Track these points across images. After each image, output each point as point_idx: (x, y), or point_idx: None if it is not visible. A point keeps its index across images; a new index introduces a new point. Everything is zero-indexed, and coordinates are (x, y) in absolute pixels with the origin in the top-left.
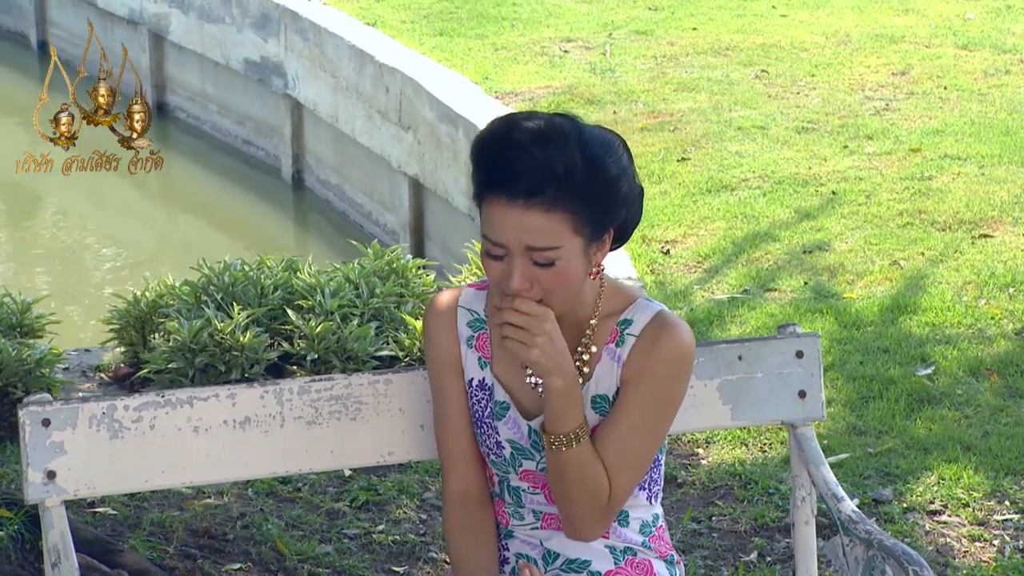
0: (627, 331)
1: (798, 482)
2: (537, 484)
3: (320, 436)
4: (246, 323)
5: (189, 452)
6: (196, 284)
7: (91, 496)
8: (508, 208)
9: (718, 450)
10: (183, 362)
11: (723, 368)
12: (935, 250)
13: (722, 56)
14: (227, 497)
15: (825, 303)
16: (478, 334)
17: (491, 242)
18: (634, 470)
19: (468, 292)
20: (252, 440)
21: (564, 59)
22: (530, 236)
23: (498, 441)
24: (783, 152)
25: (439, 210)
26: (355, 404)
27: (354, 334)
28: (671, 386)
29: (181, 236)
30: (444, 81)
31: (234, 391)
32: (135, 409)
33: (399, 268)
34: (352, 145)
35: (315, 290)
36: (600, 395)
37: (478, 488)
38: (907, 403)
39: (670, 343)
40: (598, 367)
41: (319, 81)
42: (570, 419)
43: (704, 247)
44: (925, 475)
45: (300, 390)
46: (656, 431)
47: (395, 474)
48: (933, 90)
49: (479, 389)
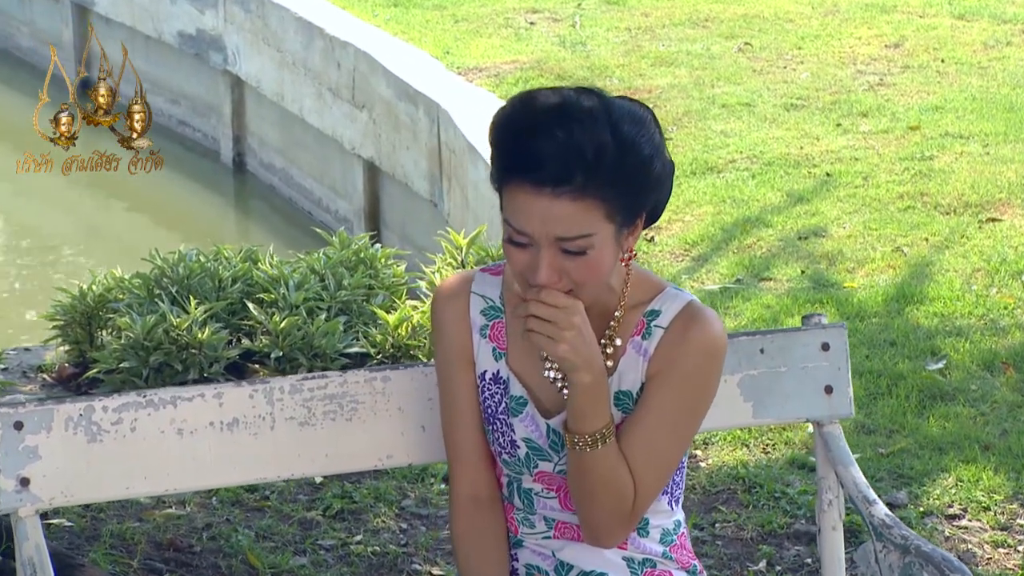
0: (654, 323)
1: (824, 484)
2: (552, 486)
3: (314, 438)
4: (204, 318)
5: (173, 456)
6: (148, 277)
7: (68, 504)
8: (534, 196)
9: (717, 451)
10: (136, 361)
11: (744, 362)
12: (940, 235)
13: (701, 28)
14: (190, 507)
15: (825, 293)
16: (492, 323)
17: (515, 230)
18: (661, 472)
19: (481, 277)
20: (240, 443)
21: (530, 31)
22: (559, 226)
23: (513, 440)
24: (772, 131)
25: (397, 196)
26: (351, 403)
27: (321, 329)
28: (702, 382)
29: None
30: (401, 56)
31: (221, 390)
32: (114, 410)
33: (368, 258)
34: (300, 125)
35: (278, 282)
36: (624, 391)
37: (489, 491)
38: (918, 400)
39: (701, 335)
40: (623, 361)
41: (262, 56)
42: (597, 418)
43: (691, 233)
44: (942, 477)
45: (292, 389)
46: (685, 431)
47: (370, 480)
48: (930, 63)
49: (493, 383)
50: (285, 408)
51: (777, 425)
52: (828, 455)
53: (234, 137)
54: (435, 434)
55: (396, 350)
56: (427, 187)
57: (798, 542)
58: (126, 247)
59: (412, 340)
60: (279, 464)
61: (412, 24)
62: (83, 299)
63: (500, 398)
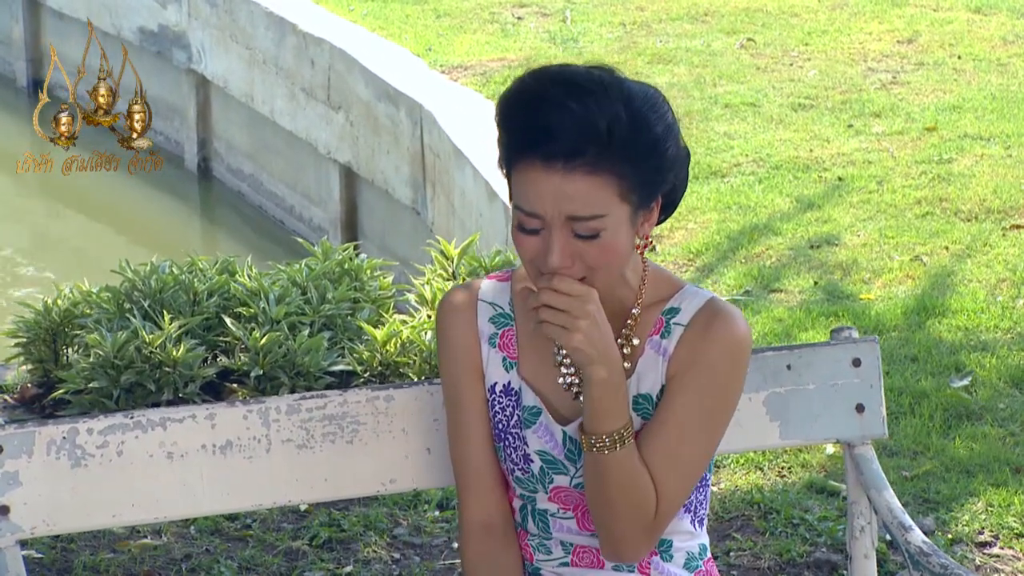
0: (674, 320)
1: (855, 510)
2: (568, 505)
3: (312, 462)
4: (178, 334)
5: (163, 482)
6: (118, 290)
7: (50, 534)
8: (545, 173)
9: (729, 475)
10: (106, 380)
11: (770, 379)
12: (961, 243)
13: (700, 23)
14: (167, 536)
15: (840, 305)
16: (502, 331)
17: (525, 213)
18: (685, 479)
19: (488, 284)
20: (234, 467)
21: (518, 27)
22: (572, 204)
23: (526, 453)
24: (779, 132)
25: (377, 203)
26: (351, 424)
27: (304, 346)
28: (726, 382)
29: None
30: (380, 53)
31: (213, 411)
32: (100, 433)
33: (352, 269)
34: (271, 128)
35: (257, 296)
36: (643, 395)
37: (502, 517)
38: (943, 419)
39: (725, 332)
40: (641, 362)
41: (230, 54)
42: (614, 416)
43: (695, 242)
44: (970, 501)
45: (288, 409)
46: (709, 434)
47: (359, 507)
48: (946, 60)
49: (504, 395)
50: (282, 430)
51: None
52: (860, 478)
53: (199, 141)
54: (441, 457)
55: (385, 368)
56: (409, 194)
57: (820, 571)
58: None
59: (402, 357)
60: (275, 490)
61: (391, 19)
62: (48, 314)
63: (512, 411)
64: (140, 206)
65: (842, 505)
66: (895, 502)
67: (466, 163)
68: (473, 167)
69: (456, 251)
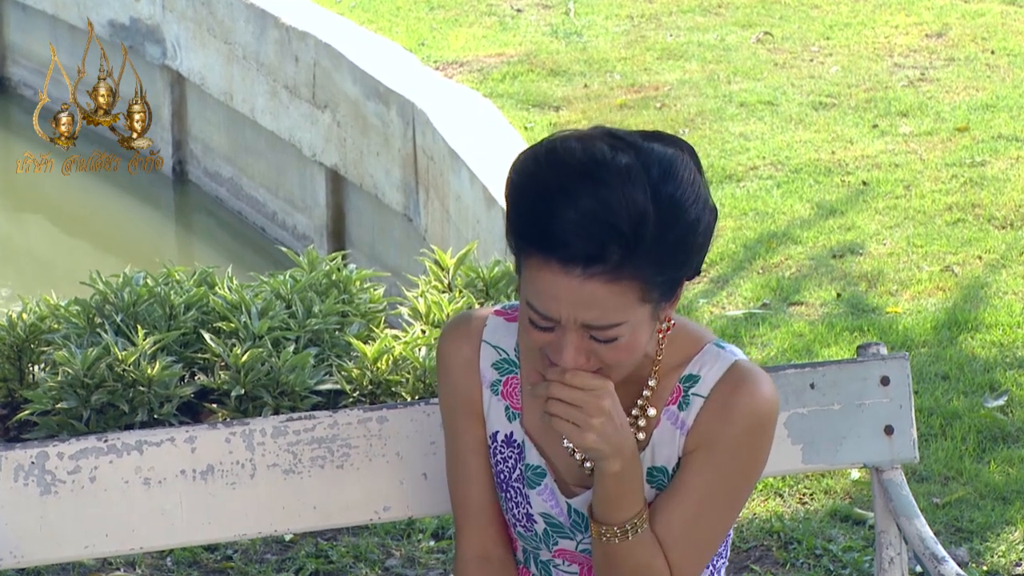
0: (692, 391)
1: (884, 539)
2: (575, 561)
3: (300, 488)
4: (153, 351)
5: (139, 510)
6: (89, 303)
7: (17, 567)
8: (562, 276)
9: (747, 502)
10: (76, 400)
11: (792, 399)
12: (995, 252)
13: (713, 15)
14: (140, 568)
15: (865, 319)
16: (506, 378)
17: (537, 313)
18: (701, 556)
19: (494, 322)
20: (216, 494)
21: (517, 20)
22: (589, 313)
23: (529, 513)
24: (798, 133)
25: (366, 209)
26: (342, 448)
27: (289, 363)
28: (749, 458)
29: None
30: (369, 48)
31: (193, 433)
32: (71, 457)
33: (341, 281)
34: (251, 129)
35: (238, 309)
36: (658, 467)
37: (500, 551)
38: (976, 441)
39: (748, 405)
40: (656, 433)
41: (207, 49)
42: (627, 507)
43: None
44: (1006, 530)
45: (274, 431)
46: (730, 511)
47: (348, 537)
48: (978, 55)
49: (506, 445)
50: (267, 454)
51: (818, 471)
52: (888, 505)
53: (174, 142)
54: (439, 482)
55: (376, 387)
56: (400, 199)
57: None
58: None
59: (394, 375)
60: (259, 518)
61: (381, 12)
62: (12, 329)
63: (514, 463)
64: (112, 213)
65: (869, 535)
66: (927, 531)
67: (462, 166)
68: (470, 170)
69: (452, 261)
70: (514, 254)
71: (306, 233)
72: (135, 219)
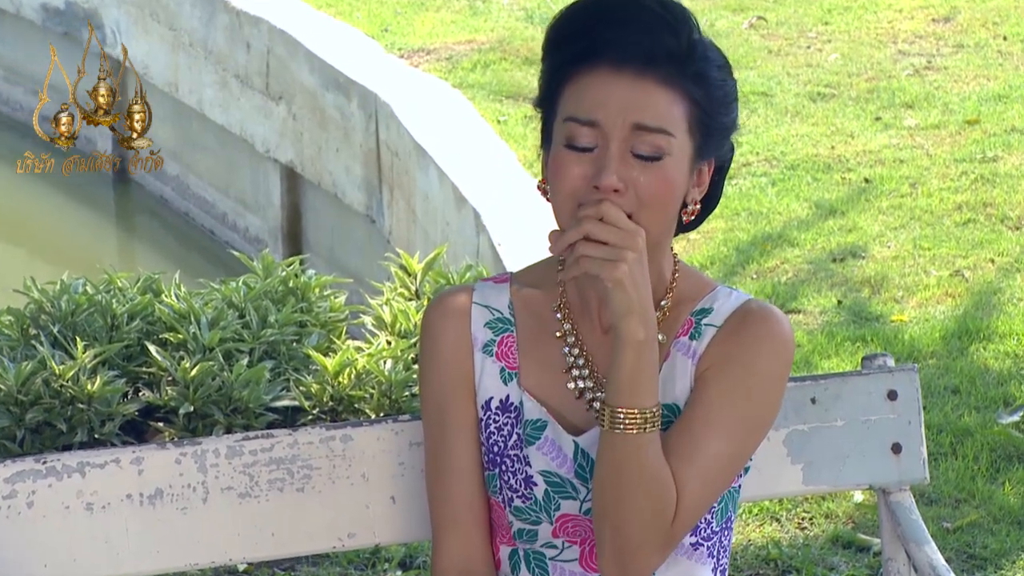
0: (705, 321)
1: (892, 567)
2: (575, 538)
3: (257, 513)
4: (94, 365)
5: (81, 538)
6: (23, 313)
7: None
8: (613, 77)
9: (742, 527)
10: (8, 420)
11: (791, 415)
12: (1009, 255)
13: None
14: None
15: (868, 328)
16: (500, 338)
17: (580, 122)
18: (708, 482)
19: (484, 286)
20: (165, 520)
21: (489, 4)
22: (641, 112)
23: (528, 476)
24: (795, 126)
25: (324, 210)
26: (303, 469)
27: (242, 378)
28: (763, 381)
29: None
30: (328, 34)
31: (140, 454)
32: (6, 480)
33: (298, 288)
34: (199, 122)
35: (186, 319)
36: (668, 404)
37: (485, 565)
38: (990, 461)
39: (764, 328)
40: (666, 366)
41: (150, 35)
42: (646, 391)
43: (699, 254)
44: (1022, 557)
45: (229, 452)
46: (740, 440)
47: (307, 567)
48: (989, 42)
49: (500, 412)
50: (221, 476)
51: (819, 493)
52: (896, 530)
53: (114, 138)
54: (408, 506)
55: (337, 403)
56: (363, 199)
57: None
58: None
59: (357, 390)
60: (213, 546)
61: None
62: None
63: (511, 429)
64: (47, 214)
65: (873, 562)
66: (937, 558)
67: (430, 163)
68: (438, 167)
69: (420, 266)
70: (549, 92)
71: (259, 236)
72: (72, 221)
